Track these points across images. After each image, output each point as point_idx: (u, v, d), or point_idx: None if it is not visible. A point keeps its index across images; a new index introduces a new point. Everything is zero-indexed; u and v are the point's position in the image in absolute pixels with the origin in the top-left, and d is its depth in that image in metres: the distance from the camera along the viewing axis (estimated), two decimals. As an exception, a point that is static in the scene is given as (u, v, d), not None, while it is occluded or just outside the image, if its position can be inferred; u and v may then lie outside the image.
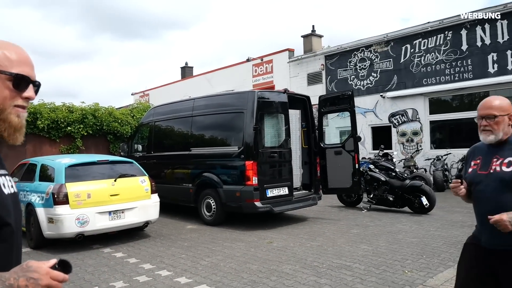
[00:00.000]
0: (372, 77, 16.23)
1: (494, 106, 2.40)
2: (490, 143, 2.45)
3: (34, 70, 1.28)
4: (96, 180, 6.91)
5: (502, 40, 12.92)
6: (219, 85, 20.96)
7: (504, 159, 2.36)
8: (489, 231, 2.34)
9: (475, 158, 2.56)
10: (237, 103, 8.28)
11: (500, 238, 2.28)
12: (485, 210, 2.36)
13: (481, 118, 2.44)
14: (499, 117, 2.38)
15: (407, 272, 4.99)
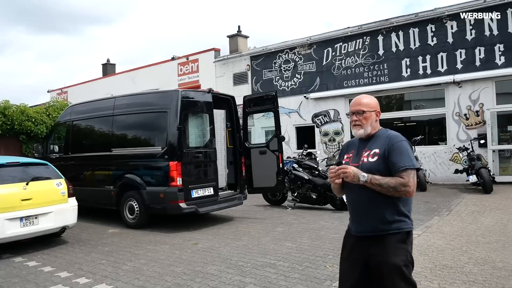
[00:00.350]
0: (296, 79, 16.68)
1: (363, 103, 2.70)
2: (360, 137, 2.73)
3: None
4: (5, 184, 6.38)
5: (414, 46, 13.88)
6: (143, 83, 20.39)
7: (370, 151, 2.63)
8: (357, 219, 2.65)
9: (348, 152, 2.81)
10: (160, 102, 8.09)
11: (366, 226, 2.57)
12: (355, 199, 2.65)
13: (352, 113, 2.72)
14: (367, 113, 2.67)
15: (328, 267, 5.16)
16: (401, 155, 2.52)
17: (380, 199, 2.52)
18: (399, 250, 2.52)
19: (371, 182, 2.48)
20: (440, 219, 7.76)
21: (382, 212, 2.53)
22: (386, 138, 2.63)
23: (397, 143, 2.57)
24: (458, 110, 13.19)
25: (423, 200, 10.05)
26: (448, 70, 13.25)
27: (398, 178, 2.47)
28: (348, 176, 2.50)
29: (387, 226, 2.53)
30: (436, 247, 5.79)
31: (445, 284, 4.34)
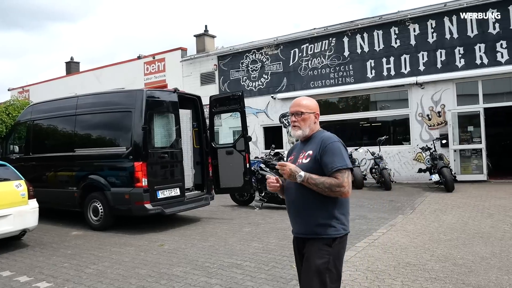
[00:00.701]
0: (263, 79, 16.72)
1: (302, 104, 2.73)
2: (298, 138, 2.78)
3: None
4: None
5: (378, 48, 14.16)
6: (109, 82, 19.97)
7: (306, 152, 2.67)
8: (293, 220, 2.72)
9: (291, 154, 2.88)
10: (125, 101, 7.93)
11: (301, 227, 2.64)
12: (290, 200, 2.69)
13: (291, 114, 2.75)
14: (306, 114, 2.70)
15: (294, 267, 5.17)
16: (334, 156, 2.54)
17: (315, 200, 2.54)
18: (322, 253, 2.53)
19: (308, 181, 2.50)
20: (404, 217, 7.94)
21: (316, 214, 2.55)
22: (320, 139, 2.65)
23: (330, 144, 2.59)
24: (421, 110, 13.55)
25: (388, 199, 10.27)
26: (411, 72, 13.59)
27: (332, 179, 2.49)
28: (285, 173, 2.53)
29: (318, 229, 2.55)
30: (400, 245, 5.91)
31: (408, 282, 4.43)
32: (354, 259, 5.33)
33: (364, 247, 5.91)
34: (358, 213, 8.57)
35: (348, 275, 4.72)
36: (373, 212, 8.64)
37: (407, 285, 4.34)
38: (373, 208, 9.14)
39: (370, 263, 5.15)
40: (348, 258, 5.36)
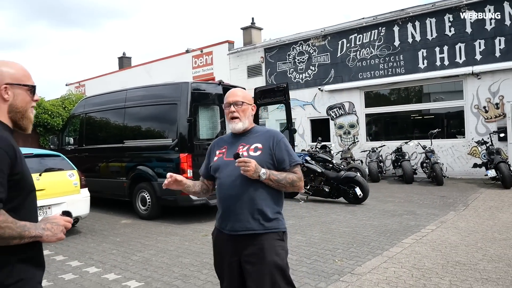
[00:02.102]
0: (310, 71, 16.49)
1: (239, 95, 2.59)
2: (238, 131, 2.58)
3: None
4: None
5: (431, 37, 13.56)
6: (159, 76, 20.44)
7: (250, 145, 2.52)
8: (233, 217, 2.44)
9: (220, 147, 2.67)
10: (171, 94, 8.07)
11: (244, 223, 2.41)
12: (230, 193, 2.46)
13: (230, 105, 2.57)
14: (245, 105, 2.56)
15: (337, 261, 5.08)
16: (289, 151, 2.52)
17: (261, 196, 2.43)
18: (279, 249, 2.43)
19: (270, 178, 2.40)
20: (456, 214, 7.58)
21: (262, 209, 2.42)
22: (267, 133, 2.58)
23: (282, 139, 2.56)
24: (477, 102, 12.86)
25: (439, 195, 9.86)
26: (467, 61, 12.91)
27: (293, 174, 2.48)
28: (250, 170, 2.32)
29: (267, 223, 2.43)
30: (450, 243, 5.65)
31: (456, 281, 4.22)
32: (399, 256, 5.15)
33: (411, 243, 5.70)
34: (407, 209, 8.29)
35: (393, 271, 4.56)
36: (422, 208, 8.31)
37: (455, 285, 4.13)
38: (423, 204, 8.80)
39: (417, 260, 4.95)
40: (393, 255, 5.19)
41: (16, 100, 1.77)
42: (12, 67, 1.78)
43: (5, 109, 1.76)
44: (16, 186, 1.66)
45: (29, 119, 1.83)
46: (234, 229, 2.45)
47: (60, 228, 1.72)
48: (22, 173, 1.69)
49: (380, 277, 4.42)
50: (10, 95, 1.75)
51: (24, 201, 1.72)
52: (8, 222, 1.56)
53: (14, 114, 1.78)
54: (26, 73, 1.80)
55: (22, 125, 1.82)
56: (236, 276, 2.47)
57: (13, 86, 1.75)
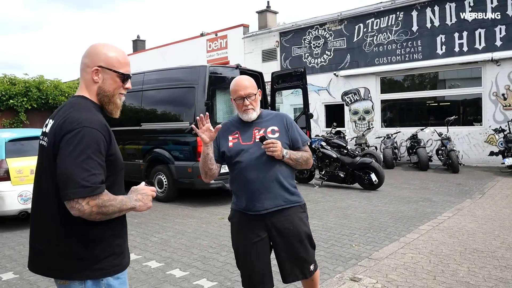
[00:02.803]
0: (326, 55, 16.35)
1: (249, 86, 2.62)
2: (252, 119, 2.67)
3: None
4: (39, 155, 6.57)
5: (450, 22, 13.32)
6: (173, 59, 20.44)
7: (266, 128, 2.66)
8: (262, 197, 2.58)
9: (231, 133, 2.72)
10: (188, 77, 8.08)
11: (274, 201, 2.59)
12: (256, 176, 2.57)
13: (242, 98, 2.60)
14: (257, 95, 2.66)
15: (354, 246, 5.12)
16: (299, 131, 2.75)
17: (284, 173, 2.64)
18: (304, 220, 2.72)
19: (290, 157, 2.60)
20: (472, 202, 7.55)
21: (286, 185, 2.63)
22: (278, 116, 2.75)
23: (292, 120, 2.76)
24: (495, 89, 12.67)
25: (455, 182, 9.81)
26: (486, 48, 12.68)
27: (306, 152, 2.74)
28: (278, 151, 2.51)
29: (291, 198, 2.65)
30: (467, 230, 5.64)
31: (475, 268, 4.23)
32: (416, 242, 5.16)
33: (428, 230, 5.70)
34: (423, 196, 8.27)
35: (410, 257, 4.59)
36: (438, 195, 8.29)
37: (473, 271, 4.14)
38: (439, 191, 8.77)
39: (434, 246, 4.96)
40: (410, 241, 5.21)
41: (105, 84, 1.84)
42: (110, 51, 1.84)
43: (94, 90, 1.85)
44: (110, 166, 1.77)
45: (116, 105, 1.90)
46: (264, 208, 2.60)
47: (149, 198, 1.83)
48: (115, 154, 1.81)
49: (398, 262, 4.45)
50: (100, 78, 1.83)
51: (117, 179, 1.85)
52: (111, 200, 1.69)
53: (101, 97, 1.86)
54: (122, 60, 1.85)
55: (108, 109, 1.90)
56: (263, 254, 2.65)
57: (104, 69, 1.82)
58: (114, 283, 1.79)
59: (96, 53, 1.83)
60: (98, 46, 1.86)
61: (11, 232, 6.20)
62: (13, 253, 5.19)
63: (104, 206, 1.65)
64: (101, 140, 1.70)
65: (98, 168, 1.66)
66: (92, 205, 1.63)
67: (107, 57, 1.82)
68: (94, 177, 1.64)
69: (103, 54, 1.83)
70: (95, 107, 1.83)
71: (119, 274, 1.82)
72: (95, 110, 1.81)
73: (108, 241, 1.78)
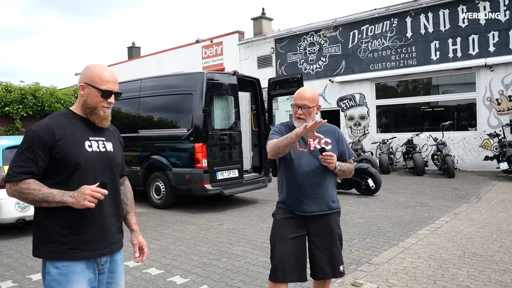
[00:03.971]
0: (321, 62, 16.45)
1: (308, 98, 2.85)
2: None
3: (117, 85, 2.13)
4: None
5: (444, 28, 13.46)
6: (168, 66, 20.47)
7: (320, 140, 2.87)
8: (310, 201, 2.84)
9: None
10: (185, 84, 8.10)
11: (320, 205, 2.85)
12: (309, 181, 2.84)
13: (298, 107, 2.86)
14: (312, 108, 2.86)
15: (353, 251, 5.14)
16: (347, 145, 3.04)
17: (332, 182, 2.92)
18: (339, 223, 2.98)
19: (340, 169, 2.85)
20: (468, 206, 7.60)
21: (332, 194, 2.91)
22: (331, 129, 2.99)
23: (341, 134, 3.03)
24: (489, 94, 12.79)
25: (451, 187, 9.87)
26: (480, 53, 12.82)
27: (351, 164, 2.99)
28: (333, 163, 2.74)
29: (333, 205, 2.91)
30: (465, 235, 5.68)
31: (474, 272, 4.26)
32: (415, 247, 5.18)
33: (426, 234, 5.73)
34: (419, 200, 8.31)
35: (410, 262, 4.61)
36: (435, 200, 8.33)
37: (473, 275, 4.17)
38: (435, 196, 8.82)
39: (433, 251, 4.99)
40: (409, 245, 5.23)
41: (88, 98, 2.08)
42: (95, 70, 2.09)
43: (80, 102, 2.12)
44: (58, 163, 1.98)
45: (98, 116, 2.10)
46: (310, 211, 2.85)
47: (84, 196, 1.87)
48: (62, 153, 1.97)
49: (398, 267, 4.47)
50: (85, 93, 2.08)
51: (71, 177, 1.99)
52: (30, 189, 1.91)
53: (85, 109, 2.11)
54: (103, 78, 2.06)
55: (91, 119, 2.12)
56: (298, 249, 2.86)
57: (88, 85, 2.07)
58: (52, 270, 1.96)
59: (84, 72, 2.10)
60: (88, 66, 2.12)
61: (8, 240, 6.15)
62: (11, 262, 5.15)
63: (22, 193, 1.92)
64: (36, 139, 1.96)
65: (26, 161, 1.94)
66: (13, 190, 1.94)
67: (91, 75, 2.07)
68: (18, 168, 1.93)
69: (88, 73, 2.08)
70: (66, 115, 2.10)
71: (59, 264, 1.97)
72: (60, 116, 2.08)
73: (51, 229, 1.98)
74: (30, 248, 5.48)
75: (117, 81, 2.14)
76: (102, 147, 2.14)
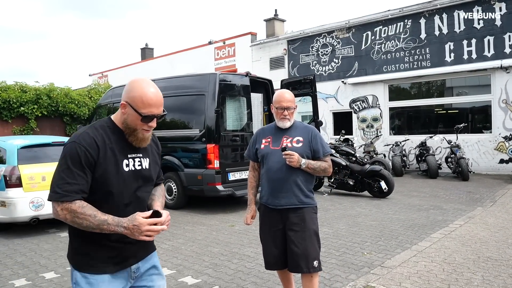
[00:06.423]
0: (333, 63, 16.37)
1: (290, 99, 3.09)
2: (285, 127, 3.13)
3: (161, 107, 1.94)
4: (52, 162, 6.61)
5: (459, 30, 13.30)
6: (181, 67, 20.57)
7: (293, 138, 3.11)
8: (279, 195, 3.06)
9: (265, 137, 3.22)
10: (198, 85, 8.12)
11: (286, 199, 3.05)
12: (277, 177, 3.06)
13: (283, 109, 3.07)
14: (295, 108, 3.14)
15: (366, 254, 5.09)
16: (322, 144, 3.13)
17: (301, 178, 3.06)
18: (315, 220, 3.13)
19: (308, 166, 3.02)
20: (483, 210, 7.49)
21: (302, 188, 3.06)
22: (306, 128, 3.18)
23: (317, 133, 3.17)
24: (505, 97, 12.60)
25: (466, 190, 9.74)
26: (496, 55, 12.63)
27: (325, 162, 3.12)
28: (294, 161, 2.94)
29: (305, 199, 3.07)
30: (480, 238, 5.60)
31: (489, 277, 4.19)
32: (429, 250, 5.12)
33: (440, 238, 5.66)
34: (433, 203, 8.22)
35: (423, 265, 4.55)
36: (449, 203, 8.23)
37: (488, 280, 4.10)
38: (449, 199, 8.71)
39: (447, 255, 4.92)
40: (422, 249, 5.17)
41: (128, 119, 1.94)
42: (138, 90, 1.91)
43: (121, 118, 1.98)
44: (96, 181, 1.87)
45: (137, 138, 1.98)
46: (280, 204, 3.07)
47: (140, 231, 1.79)
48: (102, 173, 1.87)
49: (411, 270, 4.42)
50: (126, 112, 1.94)
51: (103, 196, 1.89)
52: (86, 215, 1.78)
53: (125, 128, 1.98)
54: (145, 101, 1.89)
55: (130, 140, 2.00)
56: (279, 241, 3.10)
57: (129, 105, 1.92)
58: (81, 280, 1.91)
59: (127, 89, 1.94)
60: (133, 83, 1.96)
61: (22, 239, 6.23)
62: (24, 260, 5.22)
63: (76, 217, 1.77)
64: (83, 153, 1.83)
65: (75, 178, 1.80)
66: (65, 213, 1.78)
67: (133, 95, 1.91)
68: (67, 185, 1.78)
69: (131, 91, 1.92)
70: (108, 127, 1.98)
71: (88, 274, 1.91)
72: (102, 129, 1.95)
73: (84, 240, 1.91)
74: (43, 247, 5.56)
75: (161, 102, 1.95)
76: (138, 165, 2.02)
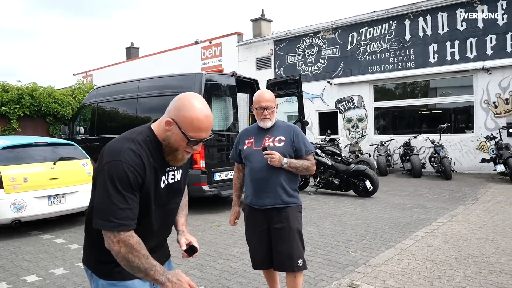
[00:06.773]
0: (319, 64, 16.47)
1: (270, 99, 3.08)
2: (266, 127, 3.11)
3: (210, 130, 1.78)
4: (34, 163, 6.53)
5: (442, 31, 13.50)
6: (167, 67, 20.47)
7: (275, 137, 3.08)
8: (264, 195, 3.04)
9: (248, 137, 3.20)
10: (184, 85, 8.09)
11: (273, 199, 3.03)
12: (260, 177, 3.04)
13: (263, 109, 3.05)
14: (275, 108, 3.12)
15: (351, 253, 5.14)
16: (305, 142, 3.08)
17: (284, 177, 3.02)
18: (299, 219, 3.11)
19: (290, 165, 2.99)
20: (465, 208, 7.61)
21: (285, 188, 3.03)
22: (288, 127, 3.14)
23: (299, 132, 3.13)
24: (486, 97, 12.83)
25: (448, 189, 9.88)
26: (478, 56, 12.85)
27: (308, 161, 3.07)
28: (275, 161, 2.92)
29: (289, 199, 3.05)
30: (461, 236, 5.69)
31: (470, 274, 4.27)
32: (412, 248, 5.19)
33: (423, 236, 5.74)
34: (416, 202, 8.32)
35: (407, 263, 4.61)
36: (432, 202, 8.35)
37: (469, 277, 4.18)
38: (432, 198, 8.83)
39: (430, 252, 4.99)
40: (406, 247, 5.24)
41: (171, 137, 1.77)
42: (188, 110, 1.73)
43: (164, 135, 1.79)
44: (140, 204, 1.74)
45: (175, 158, 1.83)
46: (264, 204, 3.05)
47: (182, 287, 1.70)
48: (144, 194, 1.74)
49: (395, 268, 4.47)
50: (170, 130, 1.76)
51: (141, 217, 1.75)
52: (141, 254, 1.65)
53: (166, 145, 1.80)
54: (196, 125, 1.73)
55: (167, 159, 1.83)
56: (265, 241, 3.10)
57: (176, 125, 1.74)
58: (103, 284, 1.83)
59: (177, 106, 1.76)
60: (184, 100, 1.77)
61: (3, 242, 6.13)
62: (5, 263, 5.14)
63: (131, 253, 1.63)
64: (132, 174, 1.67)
65: (128, 202, 1.65)
66: (121, 245, 1.62)
67: (183, 116, 1.72)
68: (121, 212, 1.62)
69: (181, 111, 1.73)
70: (150, 141, 1.80)
71: (117, 282, 1.81)
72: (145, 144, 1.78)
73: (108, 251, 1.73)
74: (25, 250, 5.47)
75: (212, 125, 1.80)
76: (171, 179, 1.91)
